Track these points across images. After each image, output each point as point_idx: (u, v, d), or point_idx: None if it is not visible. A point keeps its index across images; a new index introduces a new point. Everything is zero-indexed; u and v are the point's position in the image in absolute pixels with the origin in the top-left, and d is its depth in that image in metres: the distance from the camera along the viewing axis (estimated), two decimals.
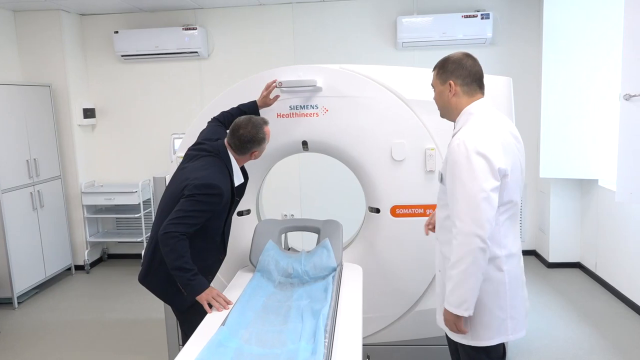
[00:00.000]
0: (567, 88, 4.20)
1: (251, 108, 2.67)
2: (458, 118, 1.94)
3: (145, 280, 2.34)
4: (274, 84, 2.68)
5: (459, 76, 1.91)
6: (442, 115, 2.04)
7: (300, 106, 2.78)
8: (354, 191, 3.40)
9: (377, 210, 2.84)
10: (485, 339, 1.93)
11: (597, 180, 4.28)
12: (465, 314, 1.82)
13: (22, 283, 4.37)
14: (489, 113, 1.91)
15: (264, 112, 2.75)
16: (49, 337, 3.70)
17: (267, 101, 2.70)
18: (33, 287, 4.54)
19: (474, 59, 1.94)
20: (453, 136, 1.91)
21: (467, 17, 4.62)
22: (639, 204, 3.54)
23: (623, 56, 2.96)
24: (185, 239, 2.10)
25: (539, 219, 5.00)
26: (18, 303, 4.32)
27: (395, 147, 2.73)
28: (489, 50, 4.82)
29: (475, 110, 1.90)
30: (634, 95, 2.87)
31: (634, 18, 2.87)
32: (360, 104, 2.75)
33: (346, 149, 2.79)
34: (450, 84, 1.91)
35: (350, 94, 2.76)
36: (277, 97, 2.73)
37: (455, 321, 1.87)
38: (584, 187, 4.54)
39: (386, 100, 2.71)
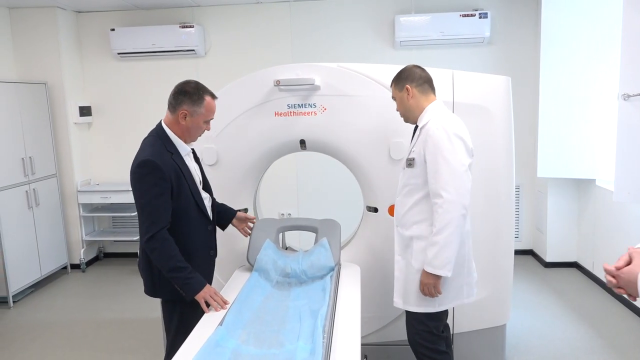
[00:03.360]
0: (565, 87, 4.20)
1: (229, 211, 2.56)
2: (422, 115, 2.24)
3: (156, 292, 2.24)
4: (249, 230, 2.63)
5: (413, 80, 2.24)
6: (406, 120, 2.33)
7: (298, 105, 2.77)
8: (352, 190, 3.39)
9: (375, 210, 2.83)
10: (445, 304, 2.25)
11: (594, 180, 4.29)
12: (449, 274, 2.12)
13: (17, 282, 4.34)
14: (447, 110, 2.26)
15: (262, 112, 2.74)
16: (44, 337, 3.67)
17: (241, 226, 2.61)
18: (28, 286, 4.51)
19: (422, 68, 2.29)
20: (421, 128, 2.20)
21: (465, 16, 4.61)
22: (637, 204, 3.55)
23: (621, 56, 2.95)
24: (167, 235, 2.05)
25: (536, 218, 5.00)
26: (13, 302, 4.29)
27: (394, 146, 2.71)
28: (486, 49, 4.82)
29: (437, 107, 2.24)
30: (632, 95, 2.87)
31: (632, 18, 2.87)
32: (359, 102, 2.74)
33: (344, 148, 2.78)
34: (407, 89, 2.23)
35: (349, 93, 2.75)
36: (247, 232, 2.63)
37: (435, 283, 2.14)
38: (582, 186, 4.55)
39: (384, 98, 2.70)
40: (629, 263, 1.34)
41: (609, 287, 1.41)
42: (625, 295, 1.36)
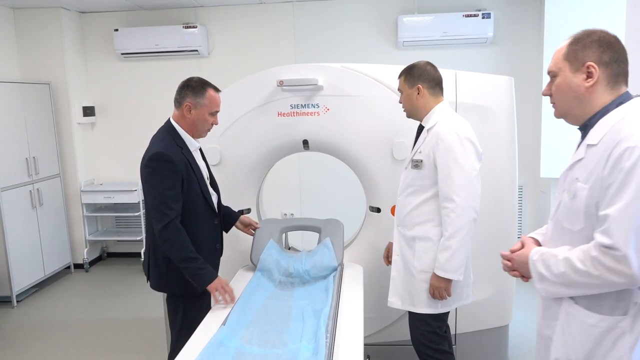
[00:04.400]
0: None
1: (232, 214, 2.59)
2: (428, 115, 2.23)
3: (164, 286, 2.26)
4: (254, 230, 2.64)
5: (425, 80, 2.21)
6: (409, 116, 2.32)
7: (301, 105, 2.78)
8: (355, 190, 3.39)
9: (378, 210, 2.83)
10: (448, 305, 2.24)
11: None
12: (460, 278, 2.14)
13: (21, 281, 4.36)
14: (454, 112, 2.27)
15: (265, 113, 2.74)
16: (47, 336, 3.68)
17: (246, 230, 2.63)
18: (32, 285, 4.53)
19: (435, 67, 2.26)
20: (429, 129, 2.18)
21: (468, 16, 4.61)
22: None
23: None
24: (180, 225, 2.10)
25: (539, 218, 4.99)
26: (17, 301, 4.31)
27: (396, 146, 2.72)
28: (489, 49, 4.81)
29: (444, 108, 2.23)
30: (636, 96, 2.86)
31: (636, 18, 2.86)
32: (362, 102, 2.75)
33: (347, 148, 2.79)
34: (418, 88, 2.21)
35: (352, 93, 2.75)
36: (251, 233, 2.64)
37: (446, 287, 2.15)
38: None
39: (387, 99, 2.70)
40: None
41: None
42: (519, 278, 1.57)
